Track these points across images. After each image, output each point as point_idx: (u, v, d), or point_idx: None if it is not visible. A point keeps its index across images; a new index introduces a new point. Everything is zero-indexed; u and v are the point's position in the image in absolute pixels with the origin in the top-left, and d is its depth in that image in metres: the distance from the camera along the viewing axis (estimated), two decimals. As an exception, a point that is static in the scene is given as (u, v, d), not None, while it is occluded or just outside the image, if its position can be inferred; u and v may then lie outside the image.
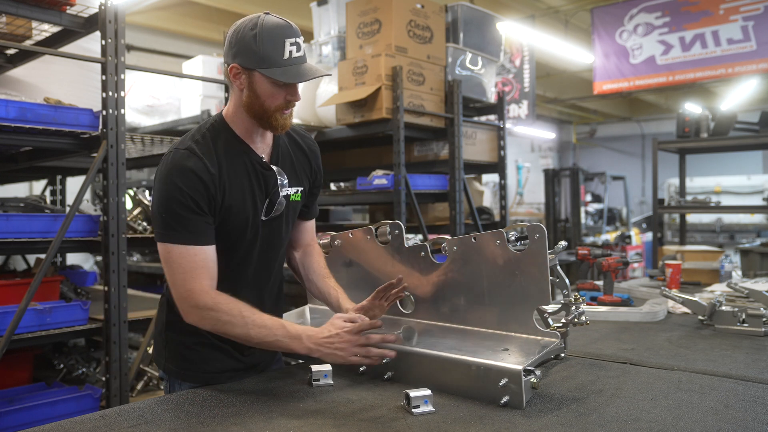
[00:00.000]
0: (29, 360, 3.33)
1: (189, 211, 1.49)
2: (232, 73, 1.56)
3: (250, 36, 1.51)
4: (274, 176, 1.66)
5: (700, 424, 1.26)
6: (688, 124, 4.95)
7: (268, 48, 1.50)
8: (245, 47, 1.51)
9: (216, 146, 1.58)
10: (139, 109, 5.47)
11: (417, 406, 1.34)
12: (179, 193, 1.49)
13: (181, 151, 1.54)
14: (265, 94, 1.54)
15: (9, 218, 2.62)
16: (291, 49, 1.52)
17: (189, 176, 1.50)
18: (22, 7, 2.65)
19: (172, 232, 1.50)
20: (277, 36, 1.51)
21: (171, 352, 1.71)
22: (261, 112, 1.57)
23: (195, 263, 1.50)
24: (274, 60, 1.51)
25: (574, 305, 1.70)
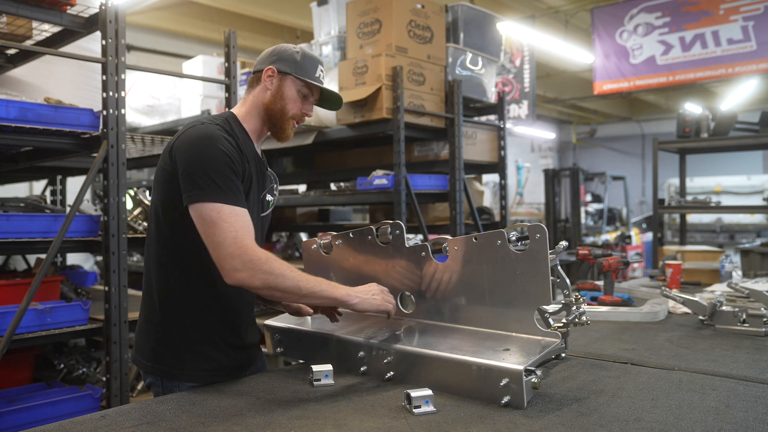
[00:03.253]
0: (30, 360, 3.33)
1: (234, 174, 1.59)
2: (267, 74, 1.77)
3: (293, 51, 1.81)
4: (269, 177, 1.85)
5: (701, 424, 1.26)
6: (688, 124, 4.95)
7: (307, 63, 1.80)
8: (288, 57, 1.79)
9: (235, 134, 1.71)
10: (139, 109, 5.47)
11: (418, 406, 1.34)
12: (224, 156, 1.58)
13: (209, 125, 1.65)
14: (290, 98, 1.78)
15: (9, 218, 2.62)
16: (321, 73, 1.84)
17: (227, 143, 1.62)
18: (22, 7, 2.65)
19: (222, 192, 1.55)
20: (314, 59, 1.83)
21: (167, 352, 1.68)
22: (279, 114, 1.78)
23: (245, 222, 1.57)
24: (308, 72, 1.80)
25: (574, 305, 1.70)
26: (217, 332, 1.71)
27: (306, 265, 2.08)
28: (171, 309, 1.68)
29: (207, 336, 1.69)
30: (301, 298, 1.60)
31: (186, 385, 1.67)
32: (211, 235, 1.53)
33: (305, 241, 2.09)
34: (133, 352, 1.81)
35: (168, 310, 1.69)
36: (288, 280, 1.54)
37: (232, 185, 1.57)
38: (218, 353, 1.70)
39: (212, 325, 1.70)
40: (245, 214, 1.58)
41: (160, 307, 1.69)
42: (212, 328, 1.70)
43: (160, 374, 1.70)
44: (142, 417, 1.36)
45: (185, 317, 1.68)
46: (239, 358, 1.76)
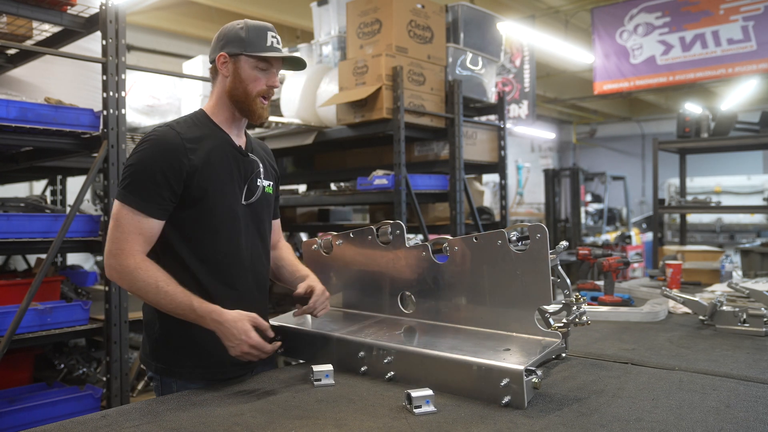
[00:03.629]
0: (30, 360, 3.33)
1: (152, 182, 1.60)
2: (220, 62, 1.74)
3: (238, 29, 1.73)
4: (251, 163, 1.80)
5: (702, 424, 1.26)
6: (688, 124, 4.95)
7: (253, 36, 1.72)
8: (233, 37, 1.73)
9: (197, 129, 1.73)
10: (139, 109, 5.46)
11: (418, 406, 1.34)
12: (150, 162, 1.62)
13: (160, 128, 1.70)
14: (249, 78, 1.72)
15: (10, 218, 2.62)
16: (272, 40, 1.74)
17: (162, 146, 1.63)
18: (22, 7, 2.65)
19: (129, 194, 1.61)
20: (260, 28, 1.74)
21: (166, 349, 1.70)
22: (243, 97, 1.74)
23: (136, 228, 1.61)
24: (258, 45, 1.72)
25: (575, 305, 1.70)
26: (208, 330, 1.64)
27: (306, 265, 2.08)
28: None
29: (203, 332, 1.63)
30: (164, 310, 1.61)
31: (187, 383, 1.68)
32: (108, 231, 1.64)
33: (305, 241, 2.09)
34: (141, 351, 1.83)
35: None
36: (150, 295, 1.59)
37: (143, 190, 1.60)
38: (216, 350, 1.64)
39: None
40: (143, 221, 1.60)
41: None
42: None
43: (160, 372, 1.71)
44: (143, 417, 1.36)
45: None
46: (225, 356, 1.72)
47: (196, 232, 1.69)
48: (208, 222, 1.69)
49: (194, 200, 1.66)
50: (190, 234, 1.69)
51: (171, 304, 1.58)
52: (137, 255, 1.60)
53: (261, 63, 1.73)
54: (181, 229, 1.68)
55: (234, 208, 1.73)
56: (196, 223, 1.68)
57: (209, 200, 1.68)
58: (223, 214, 1.71)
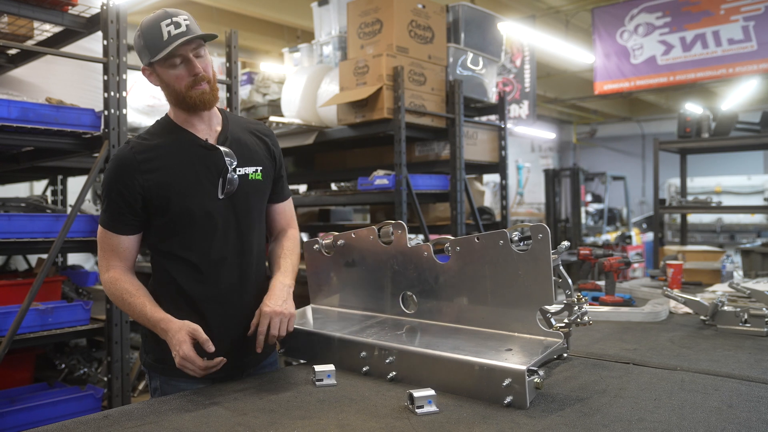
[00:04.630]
0: (31, 360, 3.33)
1: (114, 203, 1.68)
2: (147, 76, 1.73)
3: (137, 39, 1.69)
4: (220, 155, 1.73)
5: (704, 424, 1.26)
6: (689, 124, 4.94)
7: (150, 38, 1.64)
8: (138, 50, 1.70)
9: (156, 137, 1.74)
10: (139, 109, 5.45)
11: (421, 406, 1.34)
12: (109, 185, 1.69)
13: (122, 146, 1.75)
14: (170, 79, 1.68)
15: (11, 218, 2.62)
16: (168, 29, 1.63)
17: (117, 170, 1.68)
18: (24, 7, 2.65)
19: (102, 214, 1.72)
20: (154, 24, 1.64)
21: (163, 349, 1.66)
22: (177, 97, 1.70)
23: (109, 245, 1.71)
24: (157, 46, 1.63)
25: (576, 305, 1.70)
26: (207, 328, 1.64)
27: (308, 265, 2.09)
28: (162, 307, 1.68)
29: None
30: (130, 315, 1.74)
31: (164, 381, 1.73)
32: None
33: (307, 241, 2.09)
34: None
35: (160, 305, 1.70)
36: (121, 306, 1.71)
37: (112, 210, 1.68)
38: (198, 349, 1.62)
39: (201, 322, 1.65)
40: (113, 238, 1.70)
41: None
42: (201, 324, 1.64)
43: (159, 371, 1.74)
44: (145, 417, 1.36)
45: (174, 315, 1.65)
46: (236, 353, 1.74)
47: (170, 237, 1.71)
48: (179, 225, 1.70)
49: (161, 209, 1.68)
50: (165, 239, 1.72)
51: (133, 315, 1.68)
52: (112, 270, 1.71)
53: (170, 60, 1.65)
54: (157, 235, 1.73)
55: (207, 207, 1.70)
56: (168, 228, 1.70)
57: (175, 206, 1.67)
58: (194, 215, 1.69)
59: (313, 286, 2.10)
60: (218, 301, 1.73)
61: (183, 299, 1.72)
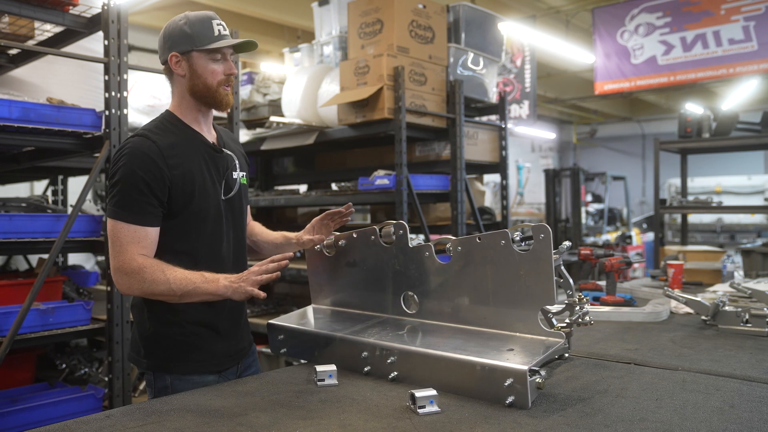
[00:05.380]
0: (32, 360, 3.33)
1: (138, 193, 1.63)
2: (173, 63, 1.73)
3: (182, 25, 1.71)
4: (226, 159, 1.82)
5: (706, 424, 1.26)
6: (689, 124, 4.94)
7: (199, 29, 1.71)
8: (179, 34, 1.71)
9: (169, 133, 1.73)
10: (140, 109, 5.45)
11: (422, 407, 1.34)
12: (131, 175, 1.63)
13: (135, 138, 1.70)
14: (206, 71, 1.73)
15: (12, 218, 2.62)
16: (218, 28, 1.73)
17: (142, 159, 1.64)
18: (25, 7, 2.64)
19: (120, 210, 1.64)
20: (204, 19, 1.73)
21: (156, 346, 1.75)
22: (205, 91, 1.74)
23: (132, 238, 1.63)
24: (206, 37, 1.71)
25: (578, 305, 1.70)
26: (199, 321, 1.74)
27: (309, 265, 2.09)
28: (152, 304, 1.72)
29: (190, 326, 1.73)
30: (180, 299, 1.62)
31: (176, 378, 1.73)
32: (109, 249, 1.67)
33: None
34: (130, 351, 1.87)
35: (150, 306, 1.74)
36: (160, 286, 1.59)
37: (133, 203, 1.63)
38: (204, 341, 1.75)
39: (193, 315, 1.73)
40: (138, 231, 1.63)
41: (148, 305, 1.75)
42: (193, 318, 1.73)
43: (153, 369, 1.76)
44: (147, 417, 1.36)
45: (166, 311, 1.72)
46: (228, 345, 1.81)
47: (185, 233, 1.72)
48: (195, 222, 1.72)
49: (180, 204, 1.69)
50: (179, 235, 1.72)
51: (182, 284, 1.59)
52: (139, 258, 1.62)
53: (214, 54, 1.72)
54: (170, 230, 1.71)
55: (217, 206, 1.76)
56: (185, 224, 1.71)
57: (195, 202, 1.71)
58: (208, 214, 1.74)
59: (314, 286, 2.10)
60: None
61: None
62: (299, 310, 2.11)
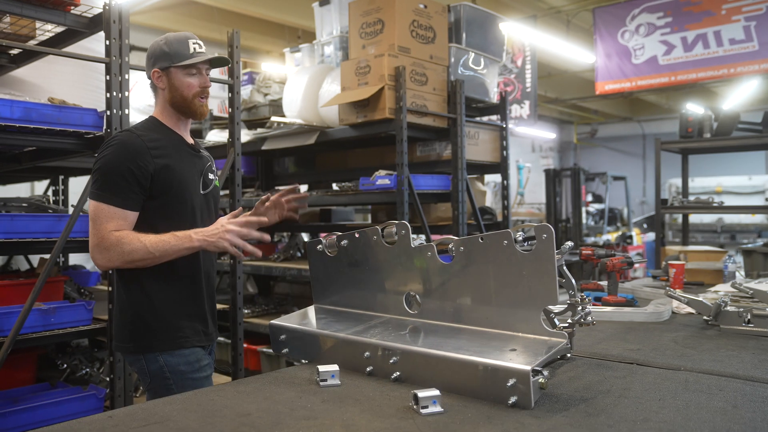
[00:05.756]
0: (33, 360, 3.33)
1: (121, 179, 1.81)
2: (155, 78, 1.98)
3: (161, 45, 1.97)
4: (203, 158, 2.08)
5: (710, 424, 1.26)
6: (691, 124, 4.94)
7: (176, 47, 1.95)
8: (159, 53, 1.96)
9: (153, 132, 1.95)
10: (140, 109, 5.45)
11: (425, 407, 1.34)
12: (117, 163, 1.82)
13: (123, 133, 1.93)
14: (183, 85, 1.97)
15: (13, 218, 2.62)
16: (194, 46, 1.98)
17: (128, 149, 1.85)
18: (26, 7, 2.64)
19: (102, 192, 1.81)
20: (182, 39, 1.97)
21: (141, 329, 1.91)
22: (182, 102, 1.98)
23: (112, 218, 1.81)
24: (182, 55, 1.95)
25: (580, 305, 1.69)
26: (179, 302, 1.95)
27: (311, 265, 2.09)
28: (135, 291, 1.92)
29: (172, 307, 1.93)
30: (158, 259, 1.81)
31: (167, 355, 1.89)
32: (90, 229, 1.84)
33: (310, 241, 2.09)
34: (114, 342, 2.02)
35: (133, 293, 1.92)
36: (139, 252, 1.78)
37: (115, 187, 1.81)
38: (185, 321, 1.94)
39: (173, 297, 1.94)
40: (118, 212, 1.81)
41: (126, 293, 1.94)
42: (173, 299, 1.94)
43: (141, 351, 1.91)
44: (149, 417, 1.36)
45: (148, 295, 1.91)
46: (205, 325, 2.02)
47: (162, 220, 1.89)
48: (176, 206, 1.92)
49: (160, 193, 1.88)
50: (156, 222, 1.88)
51: (159, 245, 1.79)
52: (115, 233, 1.79)
53: (189, 69, 1.96)
54: (148, 217, 1.88)
55: (194, 199, 1.97)
56: (161, 211, 1.90)
57: (174, 192, 1.91)
58: (187, 201, 1.95)
59: (316, 286, 2.10)
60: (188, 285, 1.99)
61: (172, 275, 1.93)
62: (301, 310, 2.10)
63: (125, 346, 1.93)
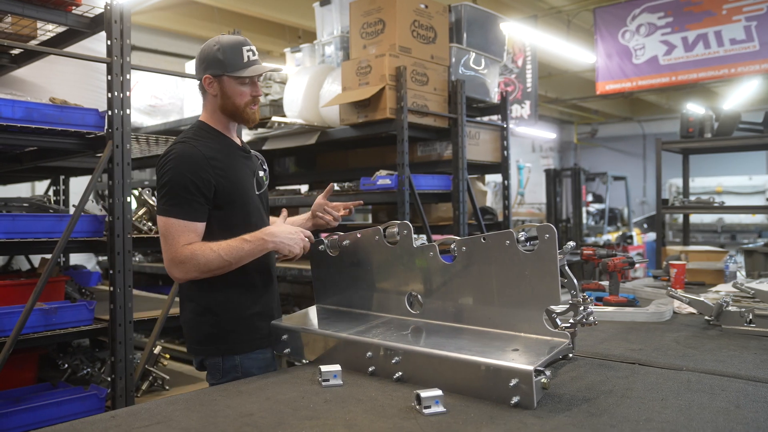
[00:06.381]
0: (34, 360, 3.32)
1: (186, 192, 1.82)
2: (206, 83, 1.96)
3: (215, 51, 1.92)
4: (252, 160, 2.08)
5: (712, 424, 1.26)
6: (692, 124, 4.94)
7: (230, 55, 1.91)
8: (212, 59, 1.93)
9: (206, 140, 1.95)
10: (141, 109, 5.46)
11: (428, 407, 1.34)
12: (180, 177, 1.82)
13: (178, 145, 1.91)
14: (235, 93, 1.95)
15: (15, 218, 2.61)
16: (248, 54, 1.94)
17: (188, 162, 1.84)
18: (27, 7, 2.64)
19: (170, 207, 1.82)
20: (235, 46, 1.93)
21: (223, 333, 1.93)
22: (233, 110, 1.97)
23: (182, 231, 1.81)
24: (236, 64, 1.92)
25: (582, 305, 1.69)
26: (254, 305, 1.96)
27: (313, 265, 2.09)
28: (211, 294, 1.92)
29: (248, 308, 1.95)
30: (234, 266, 1.82)
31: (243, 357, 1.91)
32: (162, 245, 1.85)
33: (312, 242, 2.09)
34: (187, 345, 2.02)
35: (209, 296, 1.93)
36: (214, 262, 1.79)
37: (182, 201, 1.82)
38: (261, 322, 1.97)
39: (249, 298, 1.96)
40: (189, 225, 1.82)
41: (201, 296, 1.94)
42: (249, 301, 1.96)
43: (222, 353, 1.92)
44: (152, 417, 1.36)
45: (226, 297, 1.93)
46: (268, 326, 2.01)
47: (224, 226, 1.89)
48: (234, 217, 1.92)
49: (224, 202, 1.89)
50: (224, 228, 1.89)
51: (232, 252, 1.79)
52: (188, 246, 1.80)
53: (242, 78, 1.93)
54: (219, 222, 1.89)
55: (251, 201, 1.99)
56: (225, 220, 1.90)
57: (235, 200, 1.92)
58: (249, 207, 1.97)
59: (318, 286, 2.10)
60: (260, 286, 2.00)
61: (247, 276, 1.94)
62: (303, 311, 2.11)
63: (206, 349, 1.94)
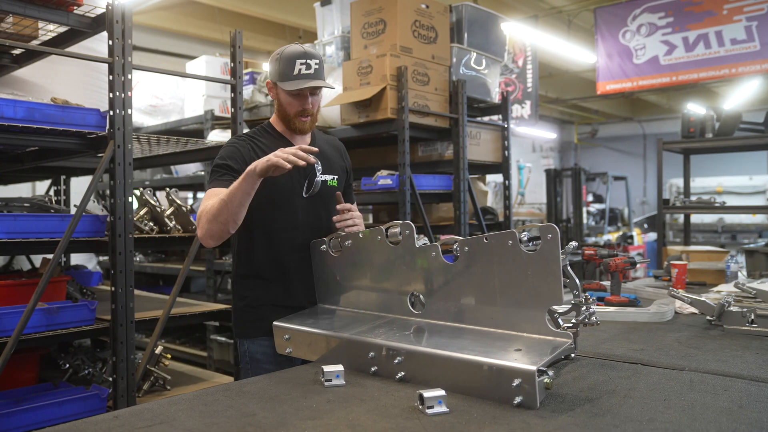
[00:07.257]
0: (35, 360, 3.32)
1: (226, 169, 1.99)
2: (268, 88, 2.12)
3: (276, 59, 2.06)
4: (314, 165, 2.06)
5: (715, 424, 1.26)
6: (693, 124, 4.94)
7: (284, 67, 2.03)
8: (273, 68, 2.07)
9: (262, 136, 2.12)
10: (142, 109, 5.47)
11: (431, 407, 1.34)
12: (229, 155, 2.03)
13: (238, 136, 2.16)
14: (285, 102, 2.08)
15: (16, 218, 2.62)
16: (300, 67, 2.01)
17: (238, 146, 2.06)
18: (29, 7, 2.64)
19: (211, 182, 2.00)
20: (291, 58, 2.03)
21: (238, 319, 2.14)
22: (284, 117, 2.11)
23: (210, 196, 1.94)
24: (287, 75, 2.02)
25: (584, 305, 1.69)
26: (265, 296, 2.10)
27: (315, 266, 2.09)
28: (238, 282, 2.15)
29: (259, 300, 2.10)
30: (232, 203, 1.86)
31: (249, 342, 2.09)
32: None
33: (313, 241, 2.09)
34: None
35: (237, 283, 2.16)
36: (215, 205, 1.88)
37: (221, 176, 1.98)
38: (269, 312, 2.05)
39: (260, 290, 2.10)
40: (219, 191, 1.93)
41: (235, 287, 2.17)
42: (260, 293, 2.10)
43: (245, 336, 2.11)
44: (155, 417, 1.36)
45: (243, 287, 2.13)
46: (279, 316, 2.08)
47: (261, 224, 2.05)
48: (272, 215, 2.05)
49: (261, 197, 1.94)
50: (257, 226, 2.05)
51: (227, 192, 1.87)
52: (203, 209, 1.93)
53: (290, 90, 2.02)
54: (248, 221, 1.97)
55: (294, 202, 2.07)
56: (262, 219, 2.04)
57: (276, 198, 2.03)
58: (276, 205, 2.05)
59: (321, 287, 2.10)
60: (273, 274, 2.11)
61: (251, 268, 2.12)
62: (305, 311, 2.10)
63: (234, 330, 2.18)
